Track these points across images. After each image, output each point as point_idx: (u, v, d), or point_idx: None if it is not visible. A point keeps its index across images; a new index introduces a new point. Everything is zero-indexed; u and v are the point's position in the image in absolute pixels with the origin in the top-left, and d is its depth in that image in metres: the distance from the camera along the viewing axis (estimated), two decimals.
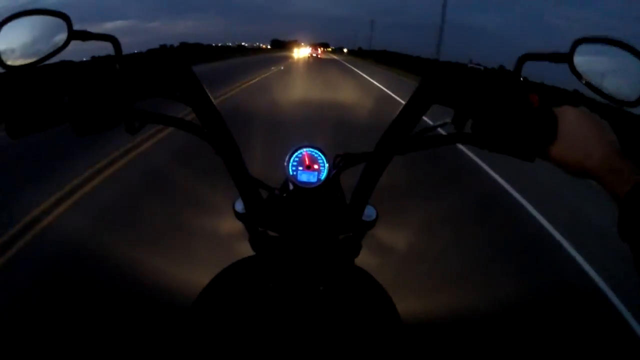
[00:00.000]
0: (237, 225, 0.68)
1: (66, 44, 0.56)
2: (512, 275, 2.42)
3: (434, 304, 2.11)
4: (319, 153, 0.64)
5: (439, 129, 0.63)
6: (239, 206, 0.66)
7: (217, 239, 2.48)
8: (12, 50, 0.60)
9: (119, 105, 0.55)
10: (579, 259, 2.72)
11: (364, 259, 0.71)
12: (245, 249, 0.71)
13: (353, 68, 26.29)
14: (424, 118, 0.59)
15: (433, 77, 0.55)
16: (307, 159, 0.64)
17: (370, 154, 0.62)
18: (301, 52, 48.66)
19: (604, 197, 0.52)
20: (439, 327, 1.94)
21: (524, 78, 0.53)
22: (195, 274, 1.63)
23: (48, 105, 0.52)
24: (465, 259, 2.57)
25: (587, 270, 2.59)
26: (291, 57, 38.02)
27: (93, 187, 3.32)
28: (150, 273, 2.16)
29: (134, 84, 0.56)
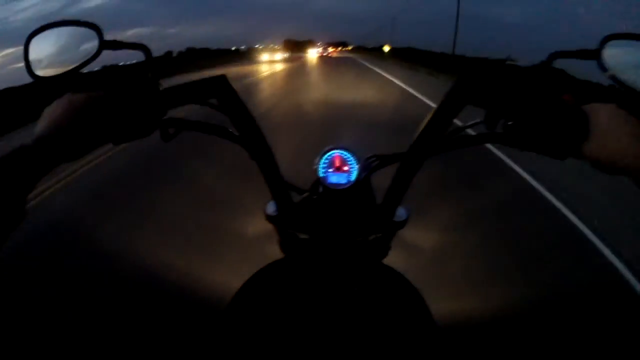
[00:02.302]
0: None
1: (97, 53, 0.57)
2: None
3: None
4: (349, 154, 0.64)
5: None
6: (270, 209, 0.66)
7: None
8: (43, 61, 0.61)
9: (153, 113, 0.56)
10: None
11: None
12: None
13: None
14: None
15: (466, 78, 0.55)
16: (337, 161, 0.64)
17: (403, 155, 0.61)
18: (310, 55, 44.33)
19: None
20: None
21: (561, 73, 0.53)
22: None
23: None
24: None
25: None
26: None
27: None
28: None
29: (168, 92, 0.56)
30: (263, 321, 0.65)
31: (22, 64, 0.58)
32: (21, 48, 0.59)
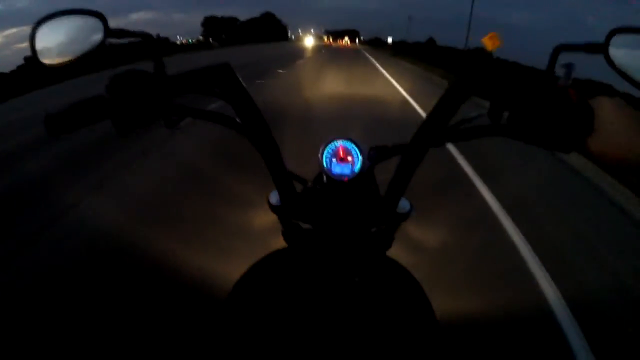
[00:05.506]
0: None
1: (103, 42, 0.57)
2: None
3: None
4: (353, 145, 0.64)
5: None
6: (274, 199, 0.67)
7: None
8: (49, 50, 0.62)
9: (158, 102, 0.56)
10: None
11: None
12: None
13: None
14: None
15: (471, 69, 0.54)
16: (341, 151, 0.64)
17: (406, 146, 0.61)
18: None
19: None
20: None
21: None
22: None
23: (88, 103, 0.54)
24: None
25: None
26: None
27: None
28: None
29: (173, 81, 0.57)
30: (264, 311, 0.66)
31: (25, 44, 0.60)
32: (24, 28, 0.60)
